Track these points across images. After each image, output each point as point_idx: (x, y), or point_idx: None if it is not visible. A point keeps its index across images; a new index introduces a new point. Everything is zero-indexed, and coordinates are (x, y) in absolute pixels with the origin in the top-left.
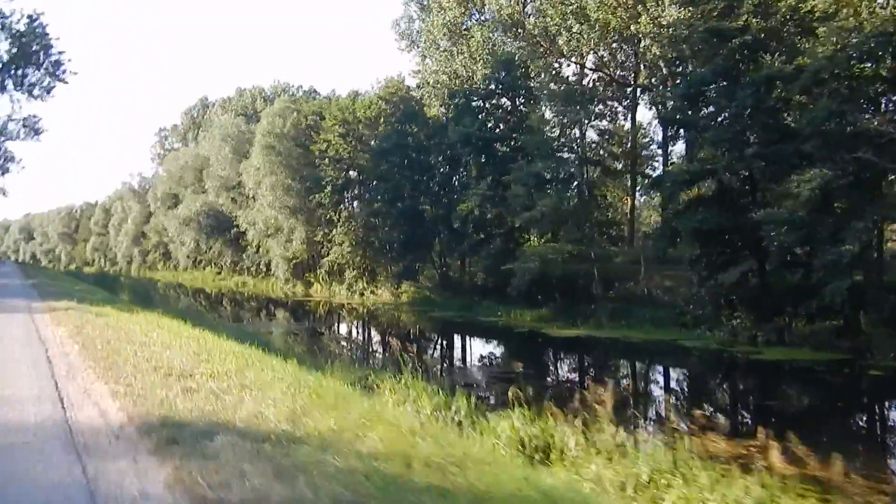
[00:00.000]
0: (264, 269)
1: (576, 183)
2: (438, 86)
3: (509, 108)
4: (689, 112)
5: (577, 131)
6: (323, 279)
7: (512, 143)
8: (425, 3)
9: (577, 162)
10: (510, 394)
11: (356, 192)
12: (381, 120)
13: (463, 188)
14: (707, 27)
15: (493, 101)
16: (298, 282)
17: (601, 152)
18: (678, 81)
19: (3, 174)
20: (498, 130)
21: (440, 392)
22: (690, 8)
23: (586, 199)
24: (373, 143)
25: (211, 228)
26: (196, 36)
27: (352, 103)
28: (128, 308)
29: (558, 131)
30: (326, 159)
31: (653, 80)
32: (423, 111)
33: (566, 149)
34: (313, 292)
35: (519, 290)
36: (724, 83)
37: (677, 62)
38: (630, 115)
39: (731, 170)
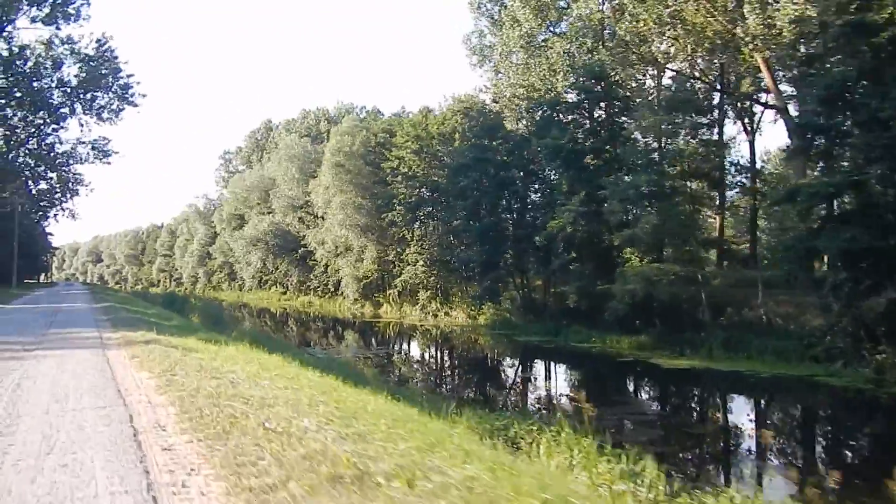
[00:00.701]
0: (332, 289)
1: (679, 198)
2: (515, 99)
3: (599, 119)
4: (829, 117)
5: (678, 142)
6: (393, 300)
7: (605, 155)
8: (497, 17)
9: (678, 175)
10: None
11: (430, 210)
12: (456, 136)
13: (547, 206)
14: (846, 21)
15: (581, 112)
16: (367, 302)
17: (704, 165)
18: (811, 83)
19: (71, 197)
20: (588, 143)
21: (621, 455)
22: (816, 3)
23: (690, 216)
24: (447, 159)
25: (278, 248)
26: (259, 60)
27: (424, 119)
28: (212, 338)
29: (657, 142)
30: (399, 177)
31: (751, 86)
32: (502, 125)
33: (666, 161)
34: (382, 313)
35: (616, 315)
36: (871, 83)
37: (802, 63)
38: (718, 126)
39: (884, 181)
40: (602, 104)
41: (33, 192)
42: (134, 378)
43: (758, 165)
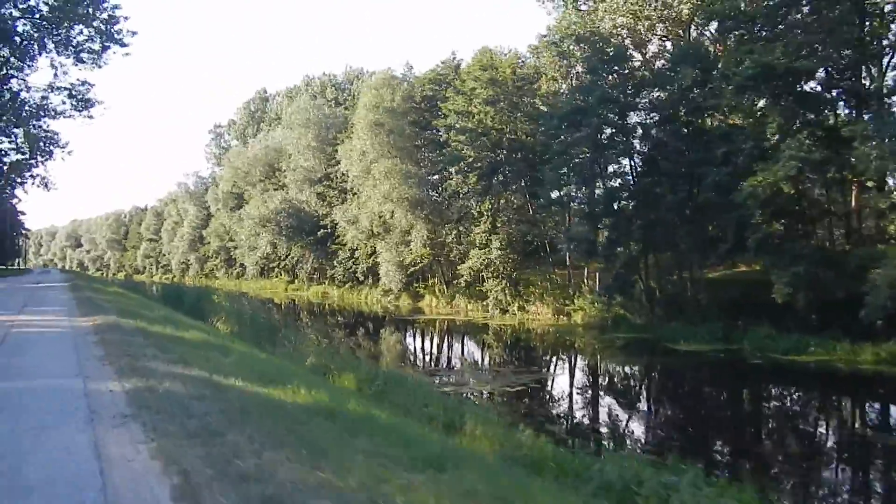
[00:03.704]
0: (361, 278)
1: None
2: (619, 30)
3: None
4: None
5: None
6: (440, 291)
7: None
8: None
9: None
10: None
11: (508, 175)
12: (543, 79)
13: (709, 160)
14: None
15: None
16: (403, 293)
17: None
18: None
19: (44, 161)
20: (806, 60)
21: None
22: None
23: None
24: (540, 105)
25: (291, 229)
26: (247, 29)
27: (490, 60)
28: None
29: None
30: (464, 135)
31: None
32: (625, 56)
33: None
34: (425, 306)
35: (877, 315)
36: None
37: None
38: None
39: None
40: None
41: None
42: None
43: None
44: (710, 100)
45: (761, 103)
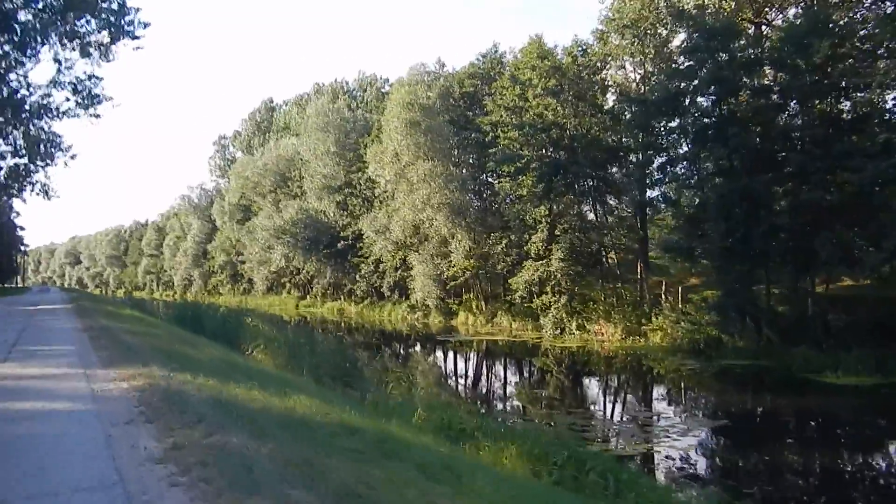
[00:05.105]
0: (387, 293)
1: None
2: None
3: None
4: None
5: None
6: (477, 307)
7: None
8: None
9: None
10: None
11: (570, 175)
12: (609, 67)
13: (857, 151)
14: None
15: None
16: (434, 310)
17: None
18: None
19: (45, 166)
20: None
21: None
22: None
23: None
24: (599, 97)
25: (308, 241)
26: (250, 38)
27: (543, 49)
28: None
29: None
30: (520, 131)
31: None
32: (736, 31)
33: None
34: (459, 324)
35: None
36: None
37: None
38: None
39: None
40: None
41: None
42: None
43: None
44: (852, 78)
45: None
